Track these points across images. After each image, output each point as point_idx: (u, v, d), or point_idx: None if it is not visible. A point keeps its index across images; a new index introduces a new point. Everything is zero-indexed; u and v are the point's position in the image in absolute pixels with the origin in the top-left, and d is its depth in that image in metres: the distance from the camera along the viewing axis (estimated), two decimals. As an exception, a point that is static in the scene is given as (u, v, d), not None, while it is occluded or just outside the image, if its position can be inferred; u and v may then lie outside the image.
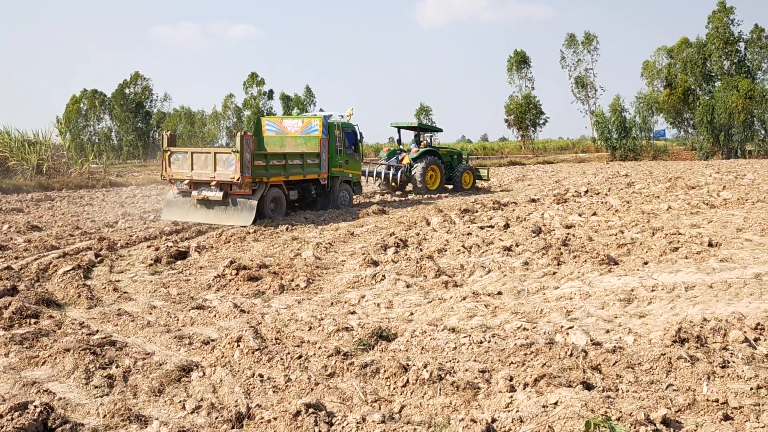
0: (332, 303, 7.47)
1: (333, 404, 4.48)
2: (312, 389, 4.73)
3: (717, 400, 4.19)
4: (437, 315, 6.80)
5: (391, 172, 22.39)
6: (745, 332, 5.55)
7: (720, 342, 5.43)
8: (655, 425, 3.79)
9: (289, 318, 6.74)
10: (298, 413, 4.05)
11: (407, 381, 4.73)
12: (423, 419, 4.23)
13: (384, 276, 8.55)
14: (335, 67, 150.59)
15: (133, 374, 5.07)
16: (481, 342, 5.59)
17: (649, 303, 6.97)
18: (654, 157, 51.00)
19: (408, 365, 4.95)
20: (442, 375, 4.72)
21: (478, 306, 7.01)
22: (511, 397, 4.38)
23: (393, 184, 22.69)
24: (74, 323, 6.50)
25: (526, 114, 60.31)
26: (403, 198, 21.69)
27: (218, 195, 14.08)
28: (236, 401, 4.48)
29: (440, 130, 25.54)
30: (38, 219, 15.25)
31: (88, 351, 5.41)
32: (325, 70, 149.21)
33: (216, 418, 4.23)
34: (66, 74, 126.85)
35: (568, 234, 11.46)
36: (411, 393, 4.63)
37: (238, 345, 5.52)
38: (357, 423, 4.03)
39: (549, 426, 3.81)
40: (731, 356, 5.05)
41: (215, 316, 6.84)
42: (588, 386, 4.47)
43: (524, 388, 4.52)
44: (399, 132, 25.01)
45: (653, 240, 10.49)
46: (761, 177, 24.51)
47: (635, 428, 3.75)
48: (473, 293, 7.55)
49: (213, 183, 14.10)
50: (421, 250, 10.29)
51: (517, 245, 10.25)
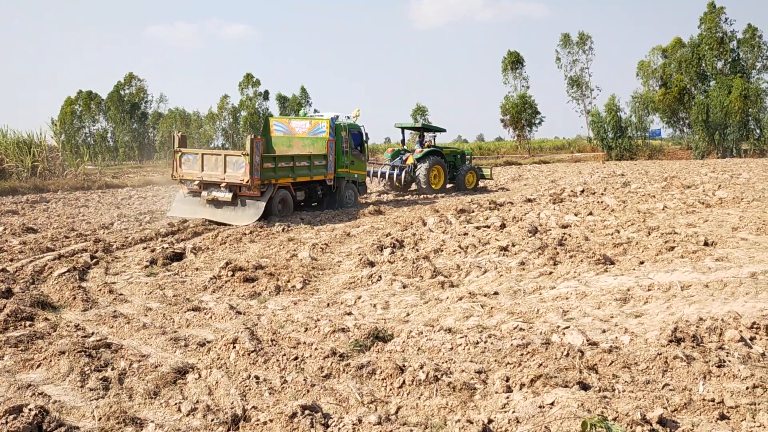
0: (328, 304, 7.46)
1: (329, 405, 4.47)
2: (308, 391, 4.72)
3: (713, 400, 4.20)
4: (433, 315, 6.80)
5: (396, 173, 22.57)
6: (741, 331, 5.56)
7: (716, 341, 5.44)
8: (652, 425, 3.79)
9: (285, 319, 6.73)
10: (294, 415, 4.04)
11: (403, 382, 4.73)
12: (419, 420, 4.22)
13: (380, 277, 8.54)
14: (331, 68, 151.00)
15: (129, 376, 5.06)
16: (478, 342, 5.59)
17: (646, 302, 6.98)
18: (650, 157, 51.05)
19: (404, 366, 4.94)
20: (439, 376, 4.71)
21: (475, 306, 7.01)
22: (508, 398, 4.38)
23: (397, 185, 22.87)
24: (69, 325, 6.48)
25: (522, 114, 60.34)
26: (407, 197, 21.82)
27: (227, 196, 14.37)
28: (232, 403, 4.47)
29: (444, 131, 25.69)
30: (33, 221, 15.19)
31: (84, 353, 5.39)
32: (321, 71, 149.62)
33: (212, 420, 4.21)
34: (61, 75, 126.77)
35: (565, 234, 11.47)
36: (407, 394, 4.62)
37: (234, 347, 5.51)
38: (353, 424, 4.02)
39: (545, 426, 3.81)
40: (727, 356, 5.05)
41: (211, 318, 6.82)
42: (584, 386, 4.47)
43: (521, 389, 4.52)
44: (403, 132, 25.20)
45: (649, 239, 10.50)
46: (756, 176, 24.57)
47: (631, 428, 3.75)
48: (469, 293, 7.54)
49: (223, 184, 14.37)
50: (418, 251, 10.29)
51: (514, 245, 10.25)
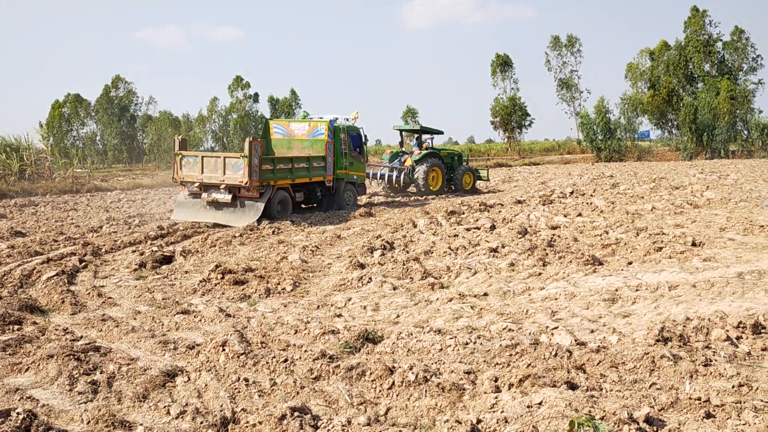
0: (318, 306, 7.46)
1: (319, 407, 4.47)
2: (297, 393, 4.73)
3: (699, 399, 4.23)
4: (423, 317, 6.81)
5: (395, 174, 22.80)
6: (728, 331, 5.61)
7: (703, 341, 5.49)
8: (639, 424, 3.82)
9: (275, 322, 6.73)
10: (284, 417, 4.05)
11: (393, 383, 4.74)
12: (408, 421, 4.24)
13: (370, 278, 8.55)
14: (321, 70, 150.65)
15: (118, 380, 5.04)
16: (467, 343, 5.61)
17: (633, 303, 7.03)
18: (638, 158, 51.37)
19: (394, 367, 4.95)
20: (428, 377, 4.73)
21: (464, 307, 7.03)
22: (496, 398, 4.40)
23: (396, 186, 23.11)
24: (58, 329, 6.44)
25: (512, 116, 60.58)
26: (402, 199, 22.00)
27: (227, 197, 14.60)
28: (221, 406, 4.47)
29: (441, 132, 26.07)
30: (22, 224, 15.10)
31: (72, 357, 5.37)
32: (311, 73, 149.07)
33: (201, 423, 4.21)
34: (49, 79, 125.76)
35: (554, 235, 11.53)
36: (397, 395, 4.63)
37: (224, 349, 5.51)
38: (342, 426, 4.04)
39: (533, 426, 3.83)
40: (714, 355, 5.10)
41: (200, 321, 6.81)
42: (572, 386, 4.50)
43: (509, 389, 4.55)
44: (401, 135, 25.53)
45: (637, 240, 10.57)
46: (744, 177, 24.78)
47: (619, 427, 3.79)
48: (459, 295, 7.57)
49: (222, 186, 14.62)
50: (408, 253, 10.31)
51: (503, 246, 10.29)
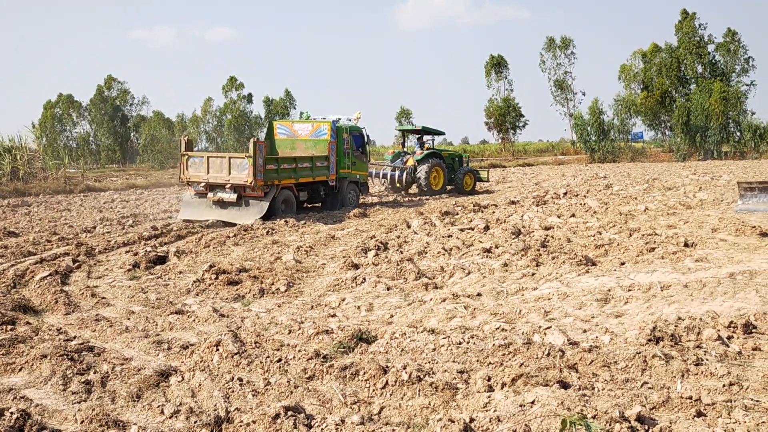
0: (312, 306, 7.48)
1: (312, 407, 4.49)
2: (291, 392, 4.74)
3: (690, 397, 4.27)
4: (417, 317, 6.83)
5: (397, 174, 23.04)
6: (719, 331, 5.65)
7: (694, 340, 5.52)
8: (630, 423, 3.85)
9: (269, 322, 6.74)
10: (277, 416, 4.06)
11: (387, 382, 4.76)
12: (402, 420, 4.26)
13: (364, 279, 8.57)
14: (315, 70, 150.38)
15: (111, 380, 5.04)
16: (460, 343, 5.63)
17: (626, 303, 7.07)
18: (632, 159, 51.55)
19: (387, 367, 4.97)
20: (421, 376, 4.75)
21: (458, 307, 7.06)
22: (489, 397, 4.42)
23: (398, 186, 23.37)
24: (51, 329, 6.44)
25: (506, 117, 60.67)
26: (402, 198, 22.29)
27: (232, 197, 14.97)
28: (215, 405, 4.48)
29: (443, 133, 26.48)
30: (15, 225, 15.05)
31: (66, 357, 5.37)
32: (305, 73, 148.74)
33: (195, 423, 4.22)
34: (41, 79, 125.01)
35: (547, 235, 11.57)
36: (390, 394, 4.65)
37: (218, 349, 5.51)
38: (336, 425, 4.05)
39: (526, 425, 3.86)
40: (705, 354, 5.14)
41: (194, 321, 6.82)
42: (564, 385, 4.53)
43: (502, 388, 4.57)
44: (403, 135, 26.00)
45: (630, 241, 10.62)
46: (737, 178, 24.89)
47: (610, 426, 3.81)
48: (453, 295, 7.59)
49: (228, 185, 15.00)
50: (402, 253, 10.33)
51: (497, 247, 10.33)
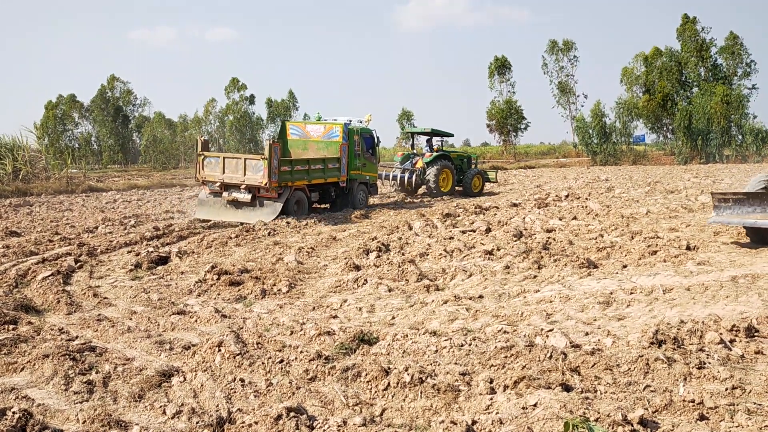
0: (314, 307, 7.48)
1: (314, 408, 4.49)
2: (293, 393, 4.74)
3: (693, 401, 4.26)
4: (419, 319, 6.83)
5: (406, 176, 23.29)
6: (721, 334, 5.64)
7: (696, 343, 5.51)
8: (633, 426, 3.85)
9: (271, 322, 6.74)
10: (279, 417, 4.06)
11: (388, 384, 4.75)
12: (404, 422, 4.25)
13: (366, 280, 8.57)
14: (316, 72, 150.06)
15: (113, 380, 5.04)
16: (462, 345, 5.63)
17: (628, 305, 7.06)
18: (634, 162, 51.54)
19: (389, 369, 4.97)
20: (423, 378, 4.75)
21: (460, 309, 7.06)
22: (491, 399, 4.42)
23: (408, 187, 23.60)
24: (53, 329, 6.44)
25: (508, 119, 60.65)
26: (415, 200, 22.57)
27: (247, 197, 15.37)
28: (217, 406, 4.48)
29: (452, 135, 27.00)
30: (17, 224, 15.06)
31: (68, 357, 5.37)
32: (305, 75, 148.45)
33: (197, 423, 4.22)
34: (41, 80, 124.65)
35: (549, 238, 11.56)
36: (392, 396, 4.65)
37: (220, 350, 5.51)
38: (338, 426, 4.05)
39: (528, 427, 3.85)
40: (707, 357, 5.14)
41: (196, 321, 6.82)
42: (567, 388, 4.52)
43: (504, 390, 4.56)
44: (412, 137, 26.37)
45: (632, 243, 10.62)
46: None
47: (613, 429, 3.81)
48: (455, 297, 7.59)
49: (242, 186, 15.40)
50: (403, 255, 10.32)
51: (499, 249, 10.32)
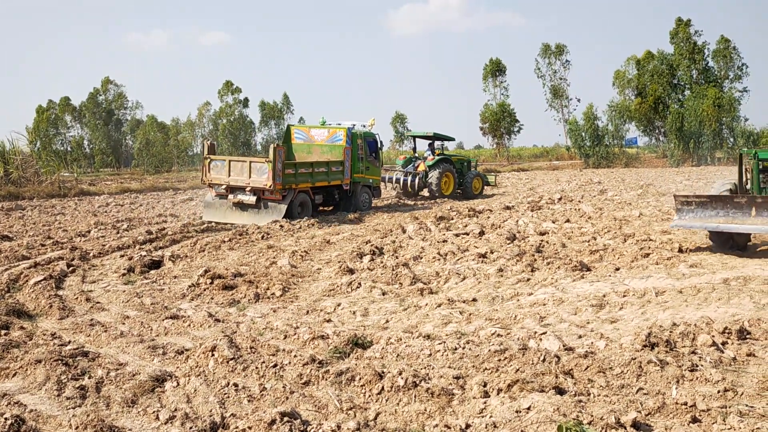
0: (308, 311, 7.47)
1: (308, 412, 4.48)
2: (287, 398, 4.73)
3: (686, 403, 4.28)
4: (412, 322, 6.83)
5: (409, 179, 23.63)
6: (713, 336, 5.67)
7: (689, 346, 5.54)
8: (626, 429, 3.86)
9: (265, 327, 6.73)
10: (273, 422, 4.05)
11: (382, 388, 4.75)
12: (398, 426, 4.25)
13: (360, 284, 8.57)
14: (308, 76, 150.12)
15: (106, 385, 5.03)
16: (456, 348, 5.63)
17: (621, 308, 7.08)
18: (626, 165, 51.71)
19: (383, 372, 4.97)
20: (417, 382, 4.75)
21: (453, 313, 7.06)
22: (485, 403, 4.42)
23: (410, 190, 23.99)
24: (46, 334, 6.42)
25: (501, 122, 60.80)
26: (420, 202, 22.91)
27: (252, 199, 15.77)
28: (210, 411, 4.47)
29: (452, 139, 27.41)
30: (9, 229, 14.99)
31: (60, 362, 5.35)
32: (299, 79, 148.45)
33: (190, 428, 4.21)
34: (33, 83, 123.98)
35: (542, 241, 11.59)
36: (386, 400, 4.65)
37: (213, 354, 5.50)
38: (332, 431, 4.05)
39: (522, 430, 3.86)
40: (699, 360, 5.16)
41: (189, 326, 6.80)
42: (560, 391, 4.53)
43: (498, 394, 4.57)
44: (414, 141, 26.62)
45: (625, 246, 10.65)
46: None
47: (606, 432, 3.82)
48: (448, 300, 7.60)
49: (248, 188, 15.81)
50: (397, 258, 10.33)
51: (492, 252, 10.34)
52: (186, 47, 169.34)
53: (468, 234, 12.71)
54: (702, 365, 5.03)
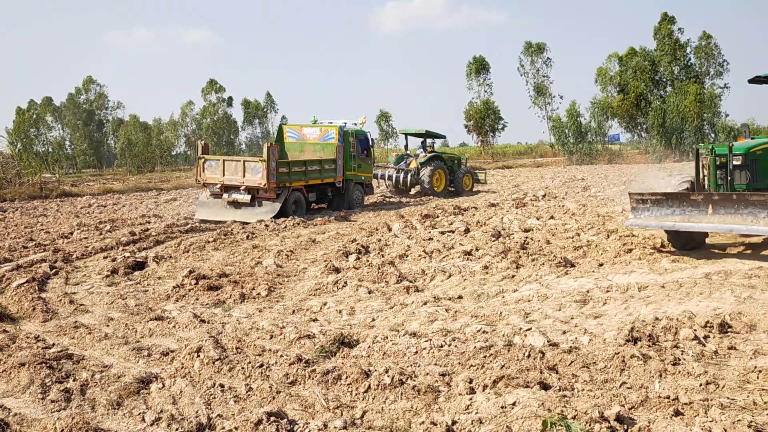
0: (294, 311, 7.46)
1: (295, 412, 4.48)
2: (273, 398, 4.73)
3: (668, 397, 4.33)
4: (399, 320, 6.85)
5: (401, 176, 23.97)
6: (695, 330, 5.74)
7: (671, 340, 5.61)
8: (609, 422, 3.90)
9: (250, 327, 6.72)
10: (260, 422, 4.06)
11: (369, 386, 4.77)
12: (384, 424, 4.27)
13: (346, 283, 8.57)
14: (293, 74, 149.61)
15: (91, 387, 5.00)
16: (442, 346, 5.66)
17: (604, 303, 7.15)
18: (609, 161, 52.19)
19: (370, 371, 4.98)
20: (403, 379, 4.77)
21: (439, 310, 7.09)
22: (471, 399, 4.45)
23: (402, 187, 24.30)
24: (29, 337, 6.36)
25: (486, 119, 61.04)
26: (406, 199, 23.12)
27: (246, 198, 16.09)
28: (196, 412, 4.46)
29: (444, 137, 28.16)
30: (-11, 231, 14.83)
31: (44, 365, 5.31)
32: (283, 77, 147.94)
33: (176, 430, 4.20)
34: (15, 83, 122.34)
35: (527, 237, 11.65)
36: (373, 398, 4.66)
37: (198, 355, 5.48)
38: (319, 430, 4.06)
39: (507, 426, 3.89)
40: (682, 354, 5.22)
41: (174, 327, 6.77)
42: (545, 386, 4.57)
43: (483, 390, 4.60)
44: (406, 138, 27.00)
45: (608, 242, 10.75)
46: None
47: (590, 426, 3.86)
48: (434, 298, 7.63)
49: (242, 187, 16.09)
50: (383, 256, 10.34)
51: (477, 249, 10.39)
52: (169, 46, 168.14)
53: (453, 232, 12.75)
54: (684, 359, 5.09)
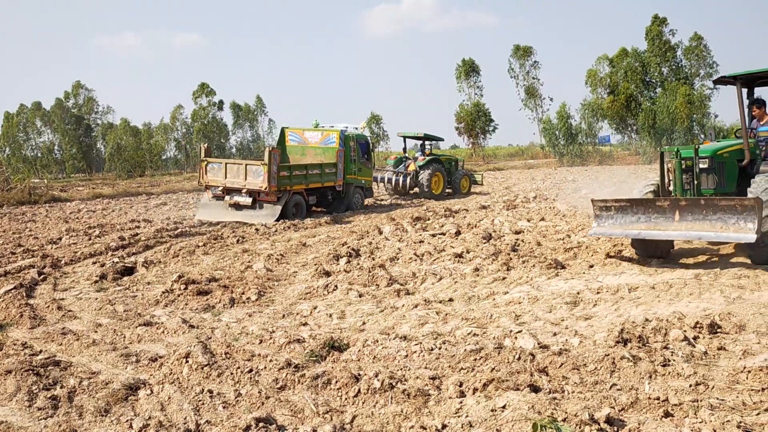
0: (284, 315, 7.43)
1: (284, 417, 4.45)
2: (263, 403, 4.70)
3: (658, 398, 4.33)
4: (389, 324, 6.83)
5: (400, 179, 24.27)
6: (685, 331, 5.75)
7: (661, 341, 5.61)
8: (599, 425, 3.90)
9: (240, 332, 6.68)
10: (248, 428, 4.03)
11: (359, 391, 4.75)
12: (374, 428, 4.25)
13: (336, 286, 8.55)
14: (282, 77, 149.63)
15: (79, 394, 4.95)
16: (432, 349, 5.64)
17: (595, 305, 7.15)
18: (600, 162, 52.38)
19: (359, 375, 4.96)
20: (394, 383, 4.75)
21: (430, 313, 7.08)
22: (461, 403, 4.43)
23: (401, 190, 24.64)
24: (16, 344, 6.30)
25: (476, 121, 61.18)
26: (407, 201, 23.39)
27: (248, 201, 16.37)
28: (185, 418, 4.42)
29: (442, 140, 28.77)
30: (-23, 237, 14.70)
31: (31, 372, 5.25)
32: (273, 80, 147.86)
33: (164, 437, 4.16)
34: (1, 89, 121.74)
35: (518, 239, 11.67)
36: (362, 403, 4.64)
37: (187, 361, 5.44)
38: (308, 435, 4.03)
39: (497, 429, 3.88)
40: (672, 355, 5.23)
41: (163, 333, 6.72)
42: (535, 389, 4.56)
43: (474, 393, 4.59)
44: (405, 141, 27.30)
45: (598, 243, 10.77)
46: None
47: (580, 428, 3.85)
48: (425, 301, 7.61)
49: (244, 190, 16.37)
50: (374, 259, 10.32)
51: (468, 252, 10.38)
52: (159, 49, 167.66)
53: (444, 234, 12.75)
54: (674, 360, 5.10)
